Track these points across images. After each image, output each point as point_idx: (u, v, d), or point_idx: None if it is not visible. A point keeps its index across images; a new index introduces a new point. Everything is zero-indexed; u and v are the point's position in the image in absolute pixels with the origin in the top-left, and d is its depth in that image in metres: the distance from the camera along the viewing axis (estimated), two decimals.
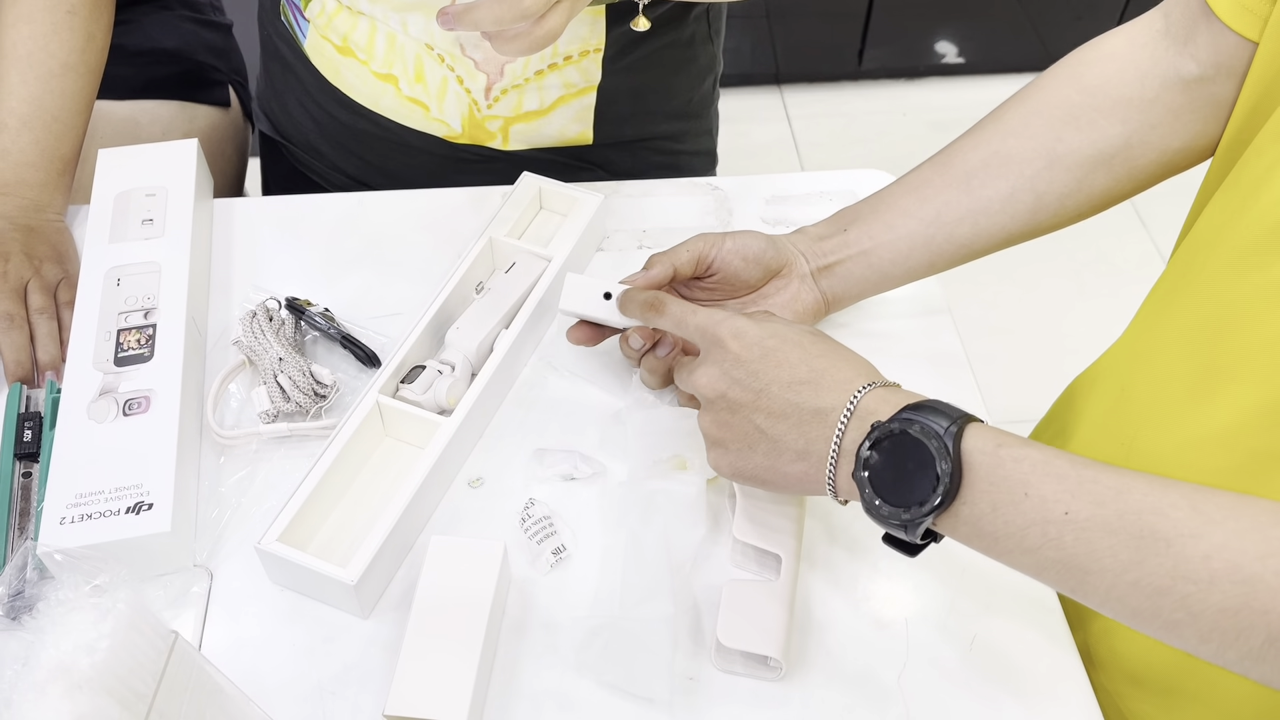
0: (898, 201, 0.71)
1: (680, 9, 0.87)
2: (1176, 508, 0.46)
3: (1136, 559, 0.46)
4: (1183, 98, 0.64)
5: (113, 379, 0.70)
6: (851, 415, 0.54)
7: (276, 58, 0.97)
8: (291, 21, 0.92)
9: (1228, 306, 0.55)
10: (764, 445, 0.58)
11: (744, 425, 0.58)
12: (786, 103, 2.44)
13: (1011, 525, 0.49)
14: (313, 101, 0.95)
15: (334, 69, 0.90)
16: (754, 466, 0.59)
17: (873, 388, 0.55)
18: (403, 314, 0.79)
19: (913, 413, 0.51)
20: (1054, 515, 0.48)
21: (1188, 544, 0.45)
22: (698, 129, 1.00)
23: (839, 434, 0.54)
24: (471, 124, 0.88)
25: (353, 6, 0.85)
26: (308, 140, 0.98)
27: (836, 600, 0.65)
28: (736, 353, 0.58)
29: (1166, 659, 0.63)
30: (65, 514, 0.63)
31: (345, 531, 0.66)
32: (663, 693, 0.60)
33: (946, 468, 0.49)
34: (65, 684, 0.46)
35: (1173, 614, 0.45)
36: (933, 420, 0.51)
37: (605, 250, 0.84)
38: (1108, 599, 0.47)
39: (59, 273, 0.79)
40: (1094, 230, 0.77)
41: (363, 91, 0.90)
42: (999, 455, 0.50)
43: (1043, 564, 0.49)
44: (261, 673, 0.61)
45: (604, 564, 0.66)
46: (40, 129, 0.83)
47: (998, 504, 0.49)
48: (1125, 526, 0.46)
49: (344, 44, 0.88)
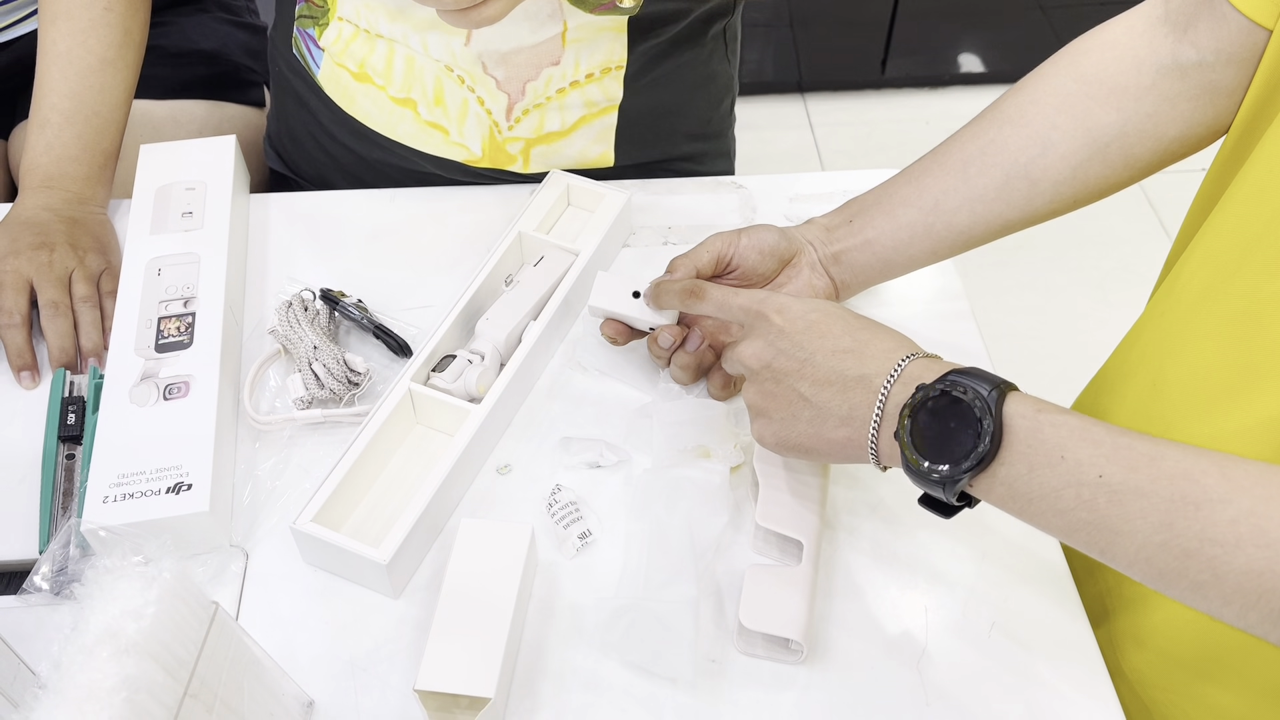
0: (898, 191, 0.72)
1: (698, 26, 0.88)
2: (1207, 474, 0.47)
3: (1166, 521, 0.47)
4: (1179, 85, 0.64)
5: (154, 364, 0.72)
6: (895, 380, 0.56)
7: (288, 92, 0.96)
8: (304, 52, 0.91)
9: (1265, 303, 0.56)
10: (808, 413, 0.59)
11: (788, 394, 0.60)
12: (809, 110, 2.46)
13: (1046, 487, 0.51)
14: (326, 134, 0.94)
15: (349, 97, 0.89)
16: (798, 435, 0.60)
17: (915, 357, 0.57)
18: (433, 306, 0.80)
19: (958, 375, 0.54)
20: (1088, 478, 0.49)
21: (1216, 509, 0.46)
22: (716, 150, 1.00)
23: (882, 397, 0.56)
24: (492, 147, 0.87)
25: (371, 29, 0.84)
26: (321, 175, 0.98)
27: (856, 586, 0.66)
28: (781, 325, 0.61)
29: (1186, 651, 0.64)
30: (108, 493, 0.65)
31: (377, 514, 0.68)
32: (685, 673, 0.61)
33: (989, 426, 0.51)
34: (113, 648, 0.47)
35: (1199, 575, 0.47)
36: (976, 383, 0.53)
37: (631, 246, 0.86)
38: (1135, 560, 0.49)
39: (102, 263, 0.81)
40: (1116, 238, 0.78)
41: (379, 119, 0.89)
42: (1038, 420, 0.52)
43: (1075, 525, 0.50)
44: (295, 649, 0.63)
45: (628, 549, 0.67)
46: (81, 124, 0.85)
47: (1035, 465, 0.51)
48: (1157, 490, 0.48)
49: (360, 69, 0.87)
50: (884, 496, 0.70)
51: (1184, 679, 0.65)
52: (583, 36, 0.82)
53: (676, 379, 0.73)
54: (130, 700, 0.46)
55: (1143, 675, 0.67)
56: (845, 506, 0.70)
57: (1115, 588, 0.69)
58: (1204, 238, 0.63)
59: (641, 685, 0.62)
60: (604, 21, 0.81)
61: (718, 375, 0.73)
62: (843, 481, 0.71)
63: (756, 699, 0.61)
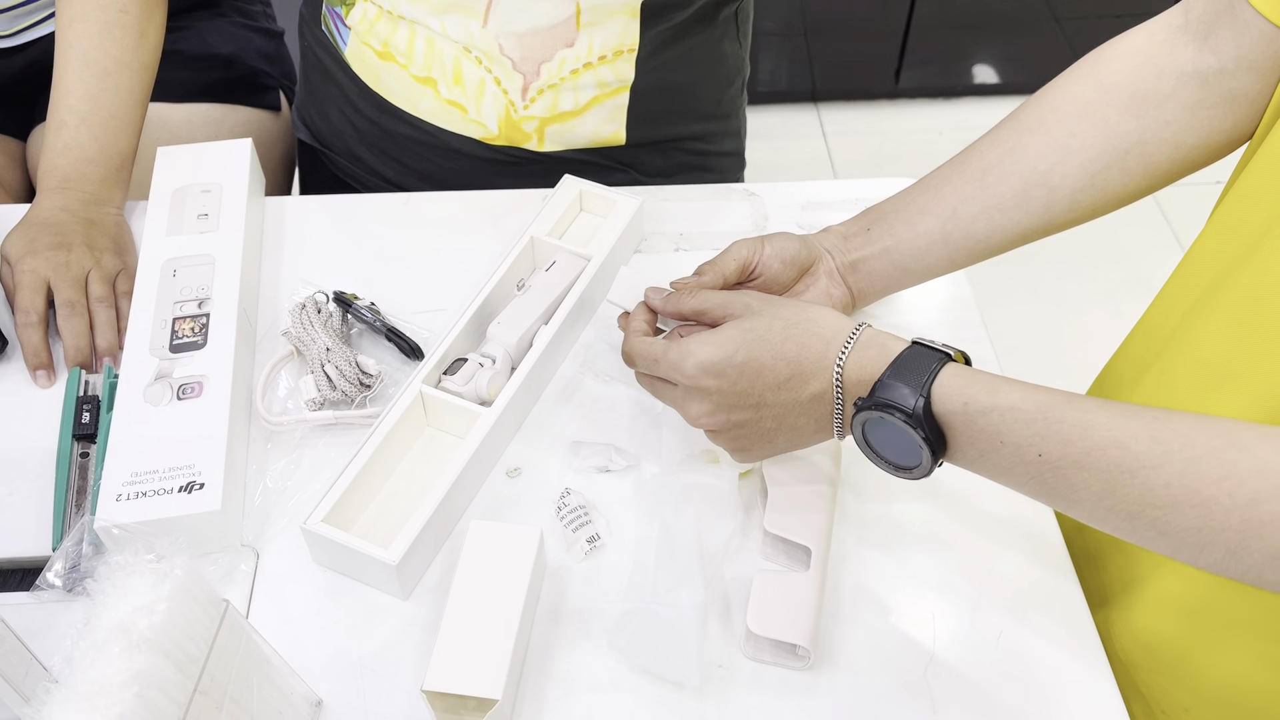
0: (917, 199, 0.73)
1: (710, 9, 0.89)
2: (1137, 440, 0.50)
3: (1108, 489, 0.51)
4: (1199, 93, 0.64)
5: (168, 364, 0.73)
6: (841, 396, 0.60)
7: (317, 66, 1.00)
8: (333, 30, 0.95)
9: (1268, 290, 0.56)
10: (783, 436, 0.63)
11: (756, 432, 0.63)
12: (823, 120, 2.46)
13: (998, 467, 0.55)
14: (352, 108, 0.97)
15: (374, 74, 0.93)
16: (780, 450, 0.65)
17: (847, 353, 0.59)
18: (445, 310, 0.81)
19: (882, 391, 0.56)
20: (1029, 458, 0.53)
21: (1150, 474, 0.49)
22: (726, 130, 1.02)
23: (838, 413, 0.60)
24: (508, 125, 0.90)
25: (393, 11, 0.88)
26: (347, 146, 1.01)
27: (864, 593, 0.66)
28: (717, 386, 0.62)
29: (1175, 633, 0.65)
30: (121, 491, 0.66)
31: (387, 515, 0.68)
32: (693, 677, 0.61)
33: (925, 436, 0.55)
34: (125, 643, 0.48)
35: (1146, 533, 0.51)
36: (900, 395, 0.55)
37: (643, 251, 0.86)
38: (1091, 520, 0.53)
39: (118, 264, 0.82)
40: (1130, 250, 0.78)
41: (402, 95, 0.92)
42: (968, 413, 0.55)
43: (1034, 494, 0.55)
44: (304, 648, 0.64)
45: (637, 553, 0.68)
46: (98, 125, 0.86)
47: (983, 452, 0.55)
48: (1093, 462, 0.51)
49: (384, 49, 0.91)
50: (891, 504, 0.70)
51: (1179, 649, 0.66)
52: (596, 19, 0.84)
53: None
54: (141, 696, 0.47)
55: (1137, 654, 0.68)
56: (853, 515, 0.70)
57: (1112, 573, 0.70)
58: (1211, 230, 0.63)
59: (648, 689, 0.62)
60: (617, 5, 0.83)
61: None
62: (850, 490, 0.71)
63: (763, 704, 0.61)
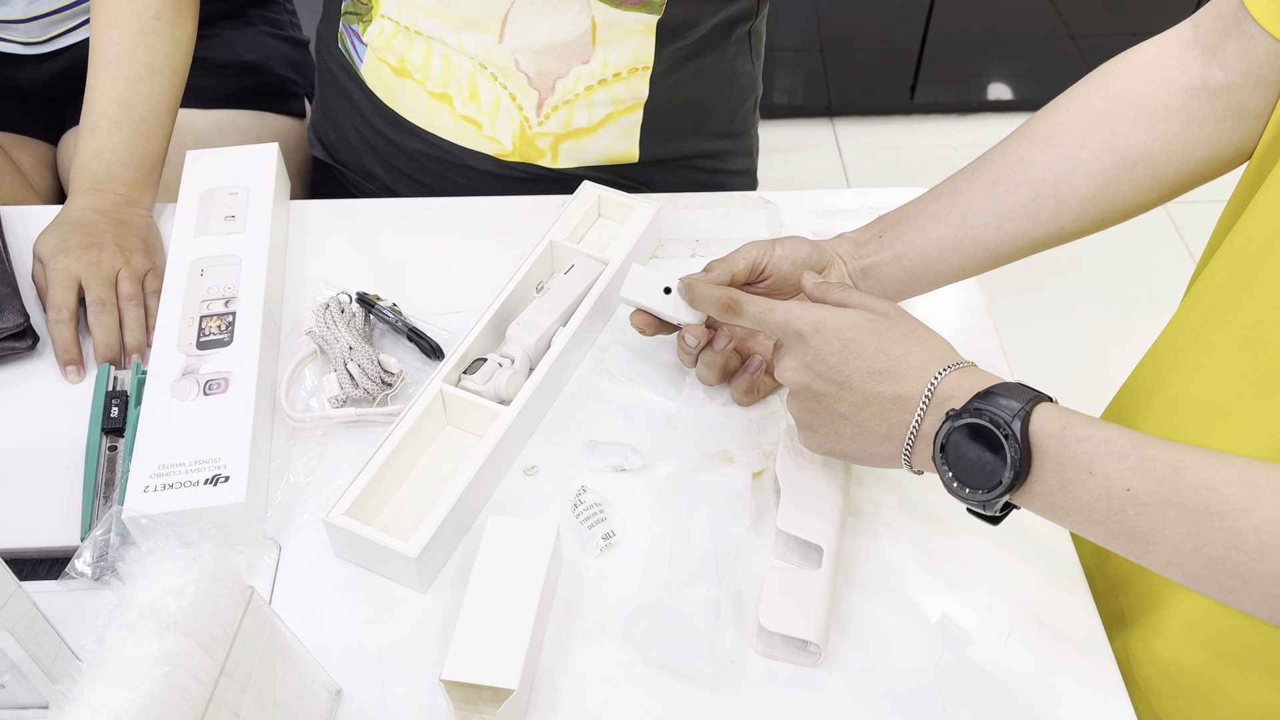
0: (928, 207, 0.74)
1: (724, 28, 0.91)
2: (1230, 483, 0.49)
3: (1194, 531, 0.49)
4: (1208, 106, 0.65)
5: (195, 361, 0.74)
6: (929, 402, 0.58)
7: (332, 84, 1.01)
8: (349, 47, 0.96)
9: (1277, 314, 0.57)
10: (850, 430, 0.62)
11: (829, 413, 0.62)
12: (838, 134, 2.48)
13: (1079, 501, 0.53)
14: (367, 124, 0.98)
15: (390, 91, 0.94)
16: (843, 448, 0.63)
17: (948, 372, 0.59)
18: (465, 311, 0.82)
19: (983, 400, 0.55)
20: (1117, 492, 0.51)
21: (1240, 518, 0.48)
22: (739, 149, 1.03)
23: (917, 419, 0.58)
24: (523, 141, 0.91)
25: (410, 27, 0.89)
26: (361, 163, 1.02)
27: (875, 592, 0.67)
28: (817, 347, 0.62)
29: (1197, 660, 0.64)
30: (149, 483, 0.67)
31: (407, 510, 0.70)
32: (705, 672, 0.62)
33: (1015, 454, 0.53)
34: (154, 624, 0.49)
35: (1228, 581, 0.49)
36: (1002, 407, 0.54)
37: (659, 257, 0.88)
38: (1169, 566, 0.51)
39: (147, 263, 0.84)
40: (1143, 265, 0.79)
41: (417, 112, 0.93)
42: (1064, 437, 0.53)
43: (1110, 535, 0.53)
44: (324, 638, 0.65)
45: (651, 550, 0.69)
46: (130, 128, 0.88)
47: (1065, 482, 0.53)
48: (1183, 501, 0.50)
49: (400, 65, 0.92)
50: (904, 504, 0.71)
51: (1202, 675, 0.65)
52: (612, 37, 0.85)
53: (702, 377, 0.75)
54: (170, 676, 0.48)
55: (1157, 681, 0.68)
56: (865, 514, 0.71)
57: (1132, 599, 0.70)
58: (1224, 253, 0.64)
59: (661, 683, 0.63)
60: (633, 23, 0.85)
61: (741, 381, 0.74)
62: (861, 491, 0.72)
63: (774, 699, 0.62)
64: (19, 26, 1.07)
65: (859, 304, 0.65)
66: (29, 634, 0.55)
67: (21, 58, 1.10)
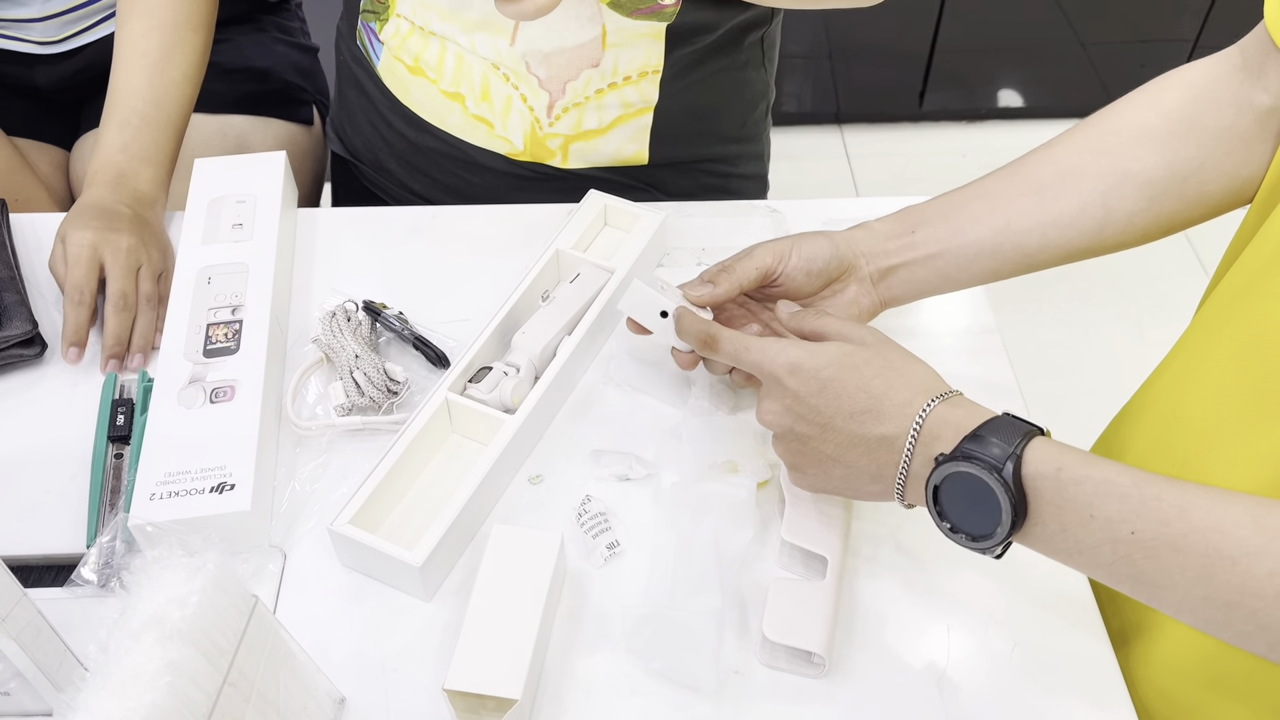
0: (968, 206, 0.72)
1: (735, 35, 0.91)
2: (1240, 525, 0.48)
3: (1205, 575, 0.48)
4: (1255, 127, 0.65)
5: (201, 369, 0.75)
6: (915, 443, 0.57)
7: (351, 80, 1.02)
8: (366, 44, 0.98)
9: (1273, 331, 0.56)
10: (839, 470, 0.61)
11: (816, 454, 0.62)
12: (846, 141, 2.48)
13: (1082, 544, 0.52)
14: (383, 121, 1.00)
15: (404, 88, 0.95)
16: (834, 486, 0.63)
17: (934, 405, 0.57)
18: (471, 320, 0.82)
19: (972, 443, 0.54)
20: (1121, 535, 0.50)
21: (1254, 562, 0.47)
22: (750, 153, 1.03)
23: (905, 462, 0.57)
24: (533, 141, 0.92)
25: (425, 27, 0.90)
26: (377, 159, 1.04)
27: (879, 604, 0.67)
28: (795, 389, 0.61)
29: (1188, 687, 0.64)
30: (155, 490, 0.67)
31: (412, 519, 0.70)
32: (708, 682, 0.62)
33: (1008, 503, 0.52)
34: (158, 633, 0.49)
35: (1243, 626, 0.48)
36: (991, 451, 0.53)
37: (665, 266, 0.88)
38: (1181, 610, 0.50)
39: (163, 263, 0.85)
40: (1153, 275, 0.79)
41: (431, 110, 0.95)
42: (1060, 479, 0.52)
43: (1118, 578, 0.52)
44: (328, 646, 0.65)
45: (655, 560, 0.69)
46: (158, 129, 0.89)
47: (1066, 525, 0.52)
48: (1191, 545, 0.48)
49: (415, 64, 0.93)
50: (909, 516, 0.71)
51: (1195, 700, 0.65)
52: (622, 41, 0.86)
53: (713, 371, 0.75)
54: (173, 685, 0.48)
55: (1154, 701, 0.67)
56: (870, 527, 0.71)
57: (1132, 615, 0.69)
58: (1232, 272, 0.63)
59: (664, 693, 0.63)
60: (643, 28, 0.85)
61: (739, 373, 0.74)
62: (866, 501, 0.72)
63: (777, 710, 0.62)
64: (35, 25, 1.08)
65: (836, 334, 0.64)
66: (34, 641, 0.55)
67: (37, 57, 1.11)
